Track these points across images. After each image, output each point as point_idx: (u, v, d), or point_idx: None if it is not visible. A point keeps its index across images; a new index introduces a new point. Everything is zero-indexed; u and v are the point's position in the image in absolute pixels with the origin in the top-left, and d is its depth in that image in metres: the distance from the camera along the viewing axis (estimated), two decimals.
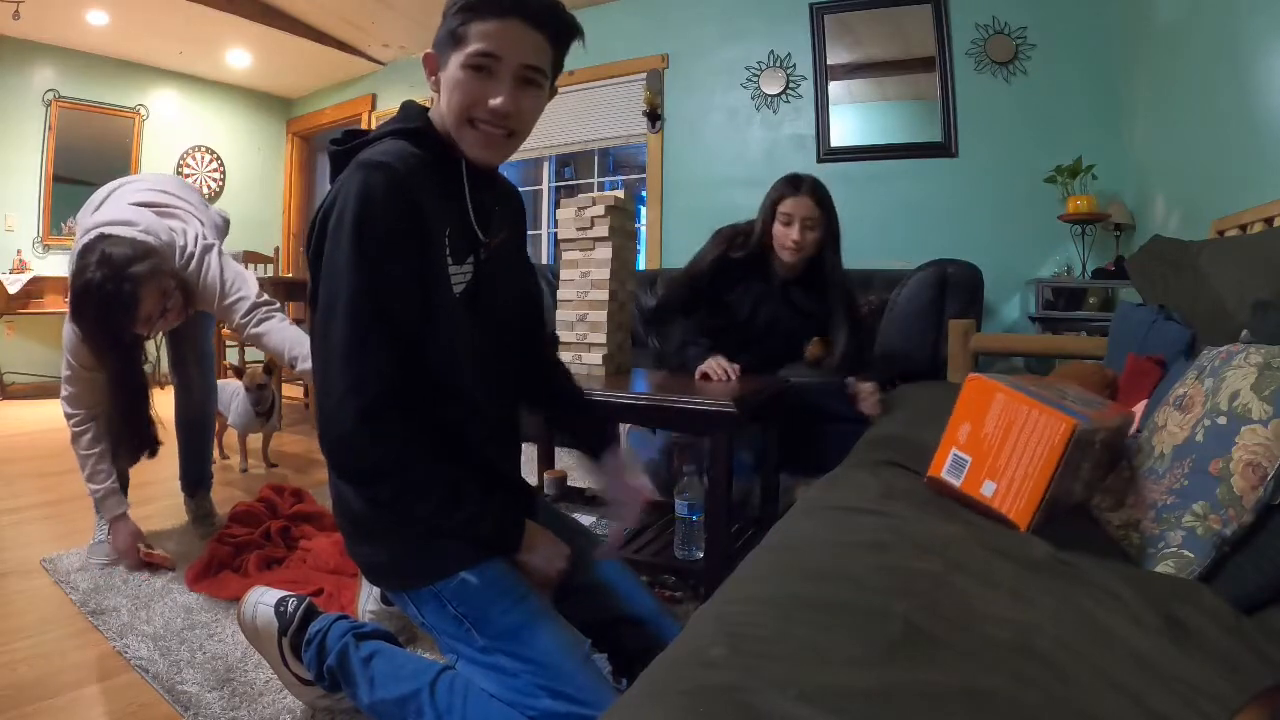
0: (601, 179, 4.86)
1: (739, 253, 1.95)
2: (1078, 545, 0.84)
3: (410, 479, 0.88)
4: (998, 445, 0.91)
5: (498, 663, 0.88)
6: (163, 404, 1.77)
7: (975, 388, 0.96)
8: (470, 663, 0.91)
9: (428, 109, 0.98)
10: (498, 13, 0.87)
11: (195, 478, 2.05)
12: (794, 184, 1.90)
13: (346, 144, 0.96)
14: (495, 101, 0.90)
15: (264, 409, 2.53)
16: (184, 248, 1.62)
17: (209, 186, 5.61)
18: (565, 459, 2.69)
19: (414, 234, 0.88)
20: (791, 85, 3.74)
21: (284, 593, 1.11)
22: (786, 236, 1.88)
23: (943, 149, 3.38)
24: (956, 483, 0.94)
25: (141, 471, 2.43)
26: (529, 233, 1.40)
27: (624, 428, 2.16)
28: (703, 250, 2.04)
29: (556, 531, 1.01)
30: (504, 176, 1.11)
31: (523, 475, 1.15)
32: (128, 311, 1.46)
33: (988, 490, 0.91)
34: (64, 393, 1.63)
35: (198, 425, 2.05)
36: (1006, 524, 0.88)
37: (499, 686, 0.88)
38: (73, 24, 4.37)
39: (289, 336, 1.62)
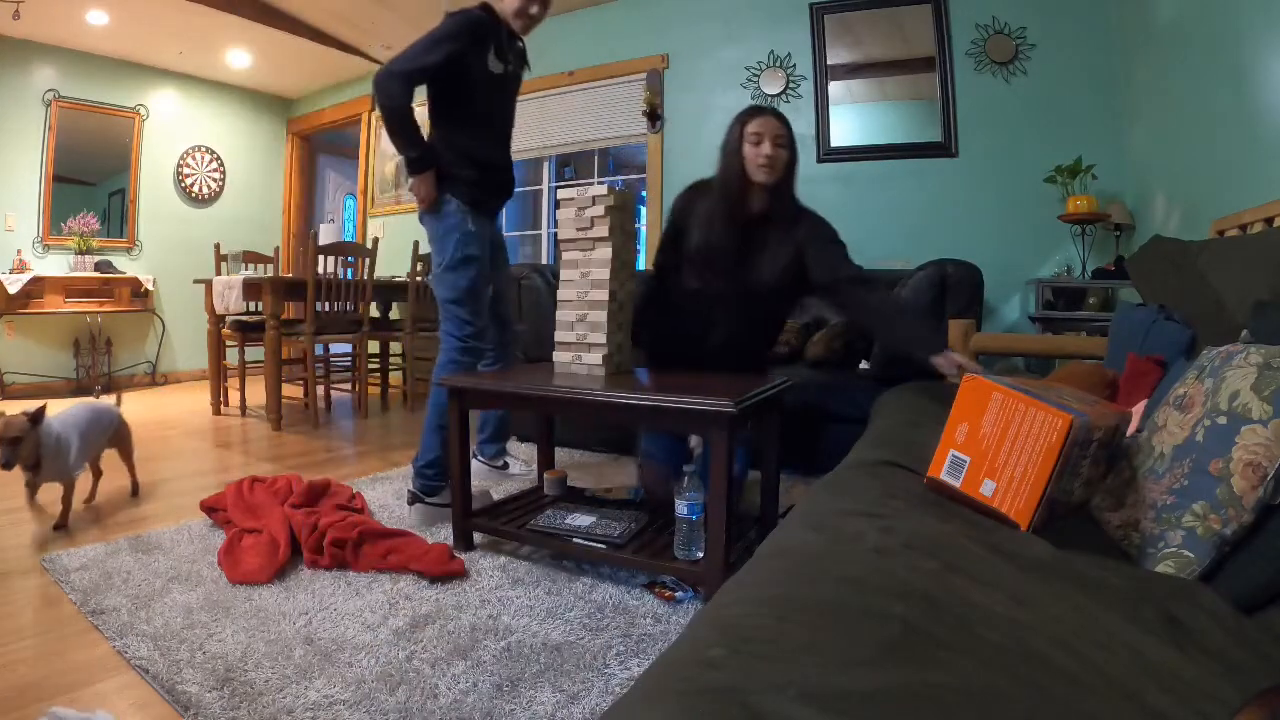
0: (601, 179, 4.86)
1: (705, 200, 1.91)
2: (1078, 545, 0.84)
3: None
4: (996, 444, 0.91)
5: None
6: (159, 405, 1.76)
7: (972, 387, 0.96)
8: None
9: None
10: None
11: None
12: (755, 109, 1.88)
13: None
14: None
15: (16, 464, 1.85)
16: None
17: (209, 186, 5.61)
18: (565, 460, 2.69)
19: None
20: (791, 85, 3.74)
21: None
22: (758, 154, 1.82)
23: (943, 149, 3.38)
24: (956, 483, 0.94)
25: (141, 471, 2.42)
26: (528, 233, 1.48)
27: None
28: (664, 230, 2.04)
29: None
30: None
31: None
32: None
33: (987, 490, 0.91)
34: None
35: None
36: (1007, 523, 0.88)
37: None
38: (73, 24, 4.37)
39: None
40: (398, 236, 5.11)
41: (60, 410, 2.04)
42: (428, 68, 1.92)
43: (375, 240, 3.98)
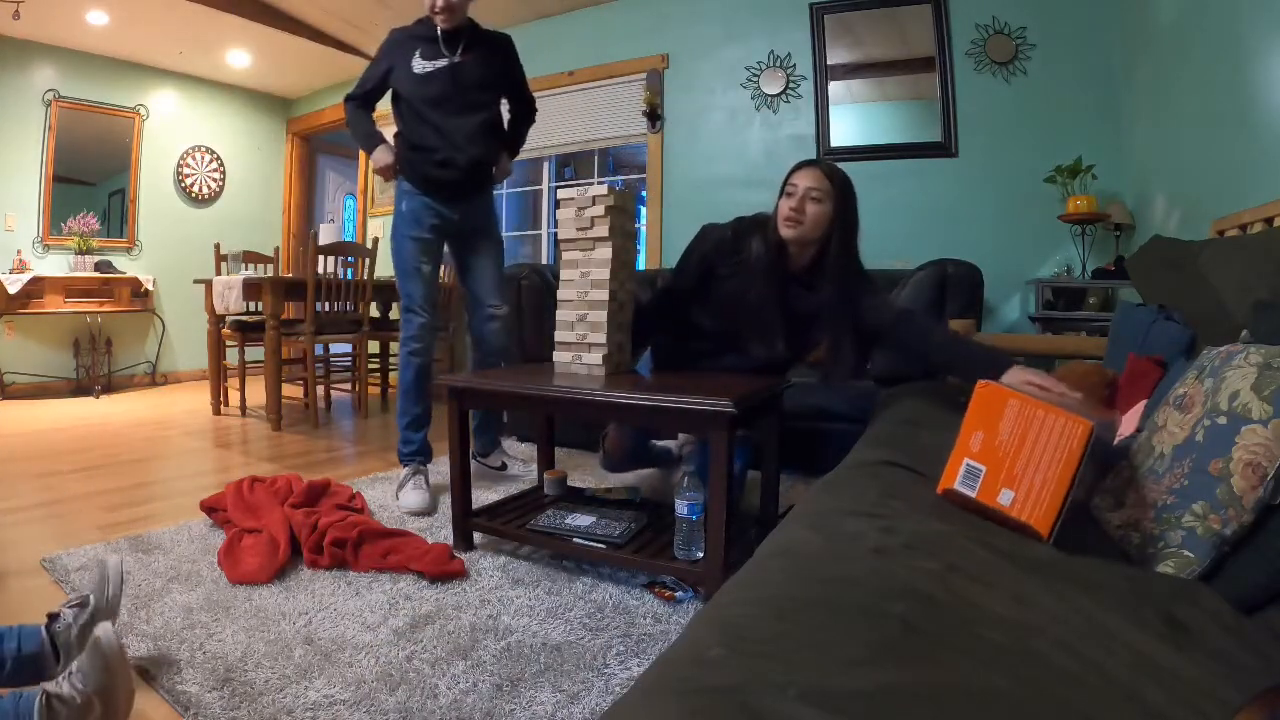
0: (602, 179, 4.86)
1: (752, 239, 1.79)
2: (1078, 545, 0.84)
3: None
4: (1014, 452, 0.89)
5: None
6: (159, 405, 1.76)
7: (986, 395, 0.94)
8: None
9: None
10: None
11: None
12: (807, 161, 1.79)
13: None
14: None
15: None
16: None
17: (209, 186, 5.61)
18: (565, 460, 2.69)
19: None
20: (791, 85, 3.74)
21: None
22: (785, 207, 1.72)
23: (943, 149, 3.38)
24: (971, 493, 0.92)
25: (142, 471, 2.43)
26: (528, 233, 1.52)
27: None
28: (689, 248, 1.91)
29: None
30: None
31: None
32: None
33: (1005, 499, 0.89)
34: None
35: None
36: (1027, 533, 0.87)
37: None
38: (73, 24, 4.37)
39: None
40: None
41: None
42: (368, 93, 2.35)
43: (375, 240, 3.98)
